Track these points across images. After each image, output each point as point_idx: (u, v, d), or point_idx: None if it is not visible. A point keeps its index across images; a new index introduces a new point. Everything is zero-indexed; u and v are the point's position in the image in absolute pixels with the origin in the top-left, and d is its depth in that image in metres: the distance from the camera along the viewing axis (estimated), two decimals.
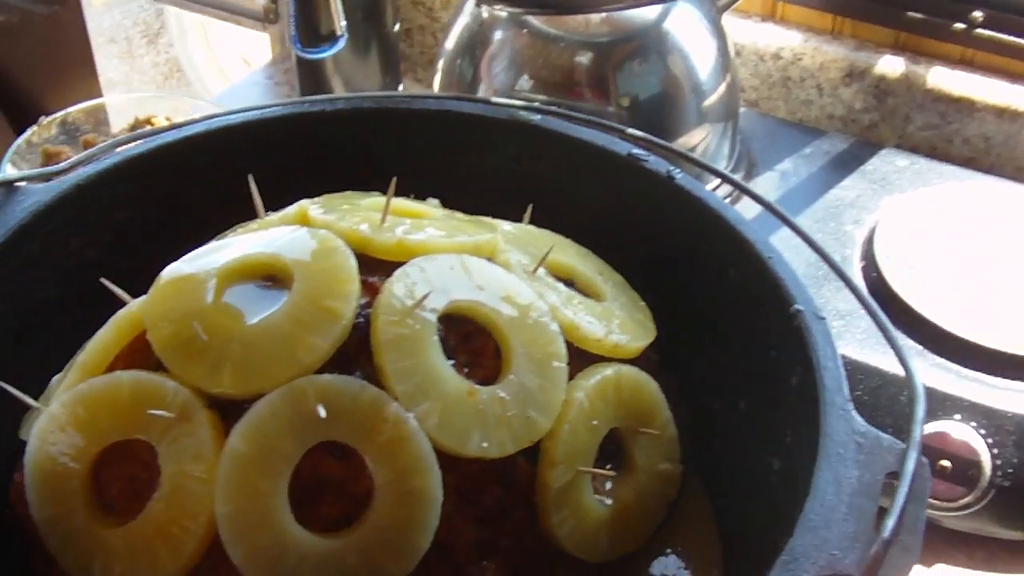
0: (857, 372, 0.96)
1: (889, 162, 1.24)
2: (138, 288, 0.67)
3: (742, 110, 1.26)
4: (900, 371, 0.93)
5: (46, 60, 1.54)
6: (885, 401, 0.95)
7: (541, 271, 0.70)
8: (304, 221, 0.69)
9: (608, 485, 0.70)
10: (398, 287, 0.62)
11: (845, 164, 1.24)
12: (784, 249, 0.73)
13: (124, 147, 0.80)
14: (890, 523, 0.55)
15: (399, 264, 0.64)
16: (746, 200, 1.08)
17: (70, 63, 1.57)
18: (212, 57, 1.85)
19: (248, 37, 1.75)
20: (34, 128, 1.15)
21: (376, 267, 0.65)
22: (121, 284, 0.68)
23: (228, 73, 1.81)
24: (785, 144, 1.28)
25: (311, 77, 1.31)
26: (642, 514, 0.71)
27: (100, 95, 1.34)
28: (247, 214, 0.73)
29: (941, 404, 0.93)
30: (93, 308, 0.68)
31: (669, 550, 0.76)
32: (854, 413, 0.63)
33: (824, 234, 1.11)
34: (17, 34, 1.49)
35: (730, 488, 0.76)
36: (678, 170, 0.79)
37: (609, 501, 0.69)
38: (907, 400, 0.62)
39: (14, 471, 0.67)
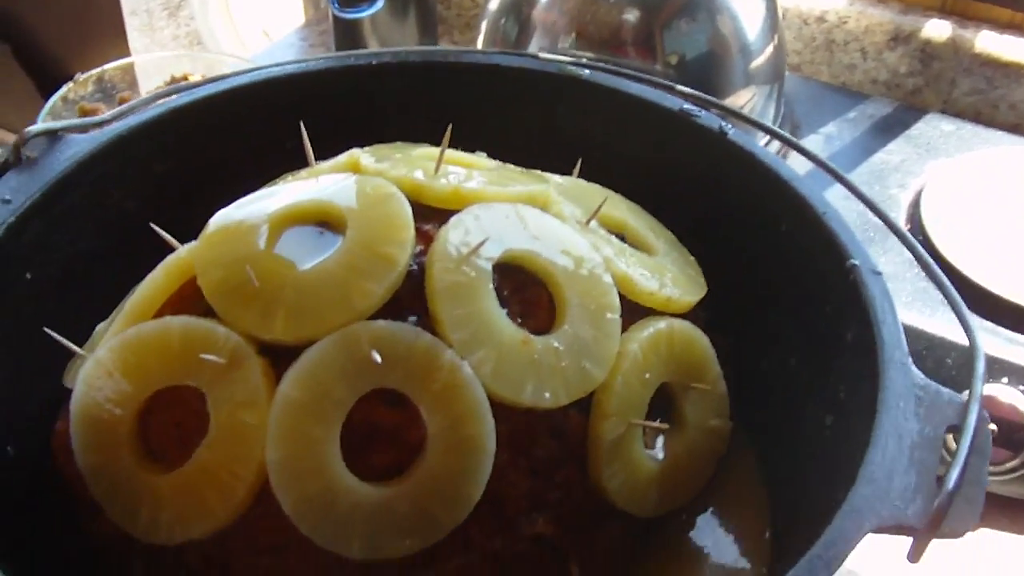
0: (904, 335, 0.95)
1: (934, 127, 1.23)
2: (180, 241, 0.66)
3: (786, 74, 1.24)
4: (947, 334, 0.94)
5: (75, 25, 1.54)
6: (931, 364, 0.93)
7: (593, 223, 0.69)
8: (355, 169, 0.68)
9: (658, 441, 0.69)
10: (454, 234, 0.61)
11: (890, 128, 1.22)
12: None
13: (166, 99, 0.79)
14: (954, 475, 0.55)
15: (452, 212, 0.63)
16: (793, 160, 1.06)
17: (99, 28, 1.56)
18: (233, 30, 1.84)
19: (270, 8, 1.74)
20: (70, 85, 1.14)
21: (430, 215, 0.64)
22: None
23: (249, 46, 1.80)
24: (829, 108, 1.27)
25: (348, 38, 1.30)
26: (691, 470, 0.70)
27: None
28: (289, 169, 0.72)
29: (990, 368, 0.92)
30: (133, 260, 0.67)
31: (716, 507, 0.75)
32: (913, 367, 0.62)
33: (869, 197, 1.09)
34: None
35: (778, 445, 0.75)
36: (730, 125, 0.78)
37: (660, 456, 0.68)
38: (962, 352, 0.61)
39: (57, 420, 0.67)
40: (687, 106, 0.80)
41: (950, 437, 0.59)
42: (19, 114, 1.52)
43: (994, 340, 0.94)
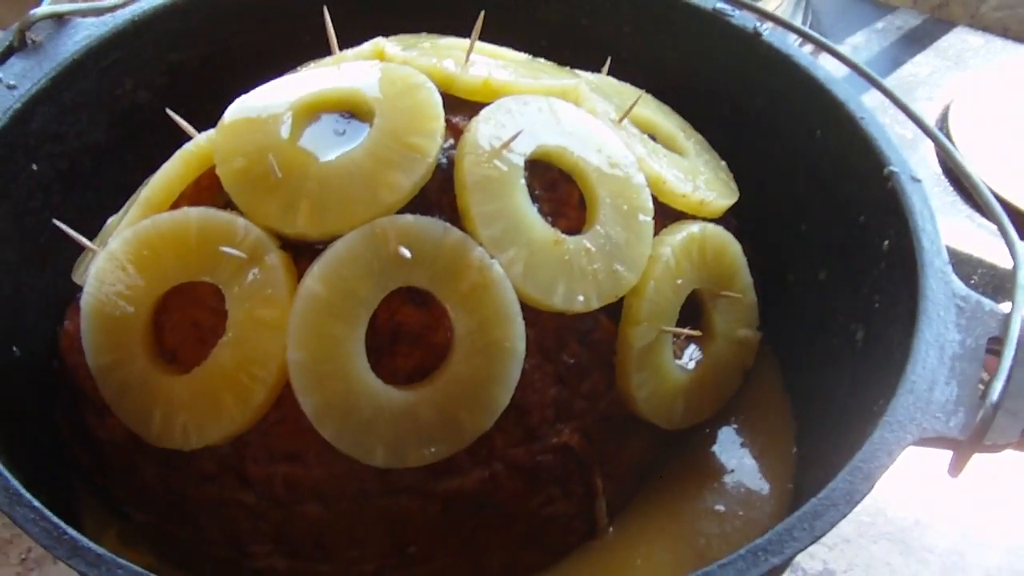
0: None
1: (963, 40, 1.20)
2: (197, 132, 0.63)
3: None
4: (974, 250, 0.92)
5: None
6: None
7: (625, 122, 0.66)
8: (381, 58, 0.64)
9: (686, 351, 0.67)
10: (485, 127, 0.59)
11: (917, 40, 1.20)
12: None
13: None
14: (998, 386, 0.53)
15: (482, 105, 0.60)
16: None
17: None
18: None
19: None
20: None
21: (459, 107, 0.61)
22: (175, 129, 0.64)
23: None
24: (856, 18, 1.24)
25: None
26: (718, 381, 0.68)
27: None
28: (308, 58, 0.69)
29: None
30: (145, 154, 0.65)
31: (740, 421, 0.73)
32: (954, 276, 0.60)
33: (897, 110, 1.06)
34: None
35: (804, 358, 0.74)
36: (765, 27, 0.75)
37: (689, 365, 0.66)
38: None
39: (64, 319, 0.65)
40: (720, 5, 0.77)
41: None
42: (10, 4, 1.48)
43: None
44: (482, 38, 0.68)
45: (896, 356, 0.57)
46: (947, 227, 0.94)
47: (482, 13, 0.64)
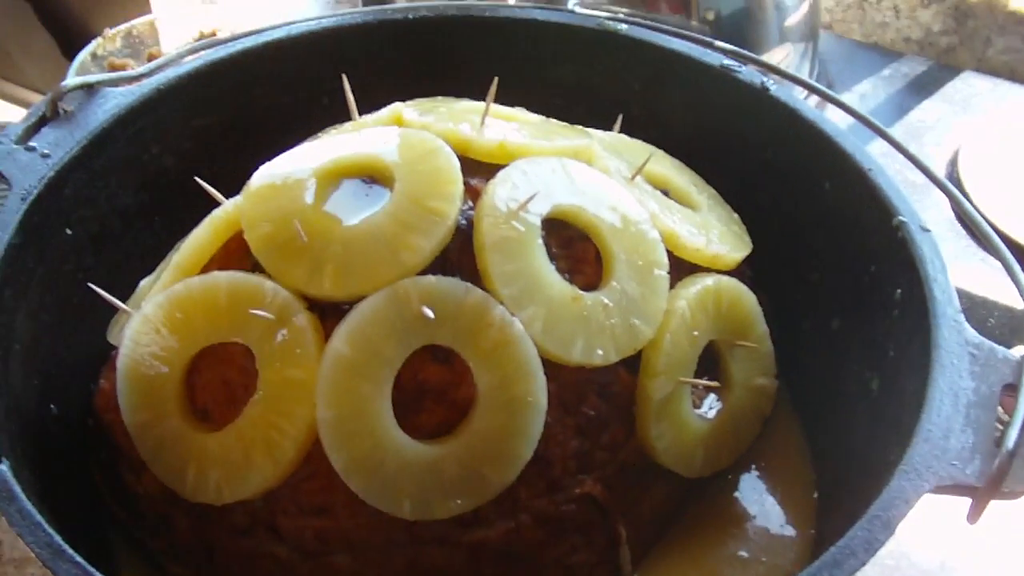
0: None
1: (970, 85, 1.21)
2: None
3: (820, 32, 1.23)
4: (989, 293, 0.93)
5: None
6: (974, 325, 0.91)
7: (638, 179, 0.68)
8: (399, 123, 0.67)
9: (705, 400, 0.69)
10: (502, 189, 0.61)
11: (924, 87, 1.21)
12: None
13: (203, 52, 0.78)
14: (1013, 433, 0.54)
15: (499, 167, 0.63)
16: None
17: None
18: None
19: None
20: (98, 40, 1.13)
21: (476, 169, 0.63)
22: (200, 192, 0.66)
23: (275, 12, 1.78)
24: (863, 66, 1.26)
25: None
26: (737, 430, 0.70)
27: None
28: (328, 123, 0.72)
29: None
30: (172, 216, 0.67)
31: (760, 468, 0.75)
32: (966, 324, 0.61)
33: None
34: None
35: (822, 406, 0.75)
36: (772, 81, 0.77)
37: (709, 414, 0.68)
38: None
39: (99, 378, 0.67)
40: (727, 61, 0.79)
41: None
42: (41, 74, 1.50)
43: None
44: (499, 99, 0.70)
45: (911, 404, 0.58)
46: (962, 271, 0.95)
47: (496, 79, 0.66)
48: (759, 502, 0.73)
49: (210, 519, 0.61)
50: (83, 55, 1.10)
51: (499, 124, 0.67)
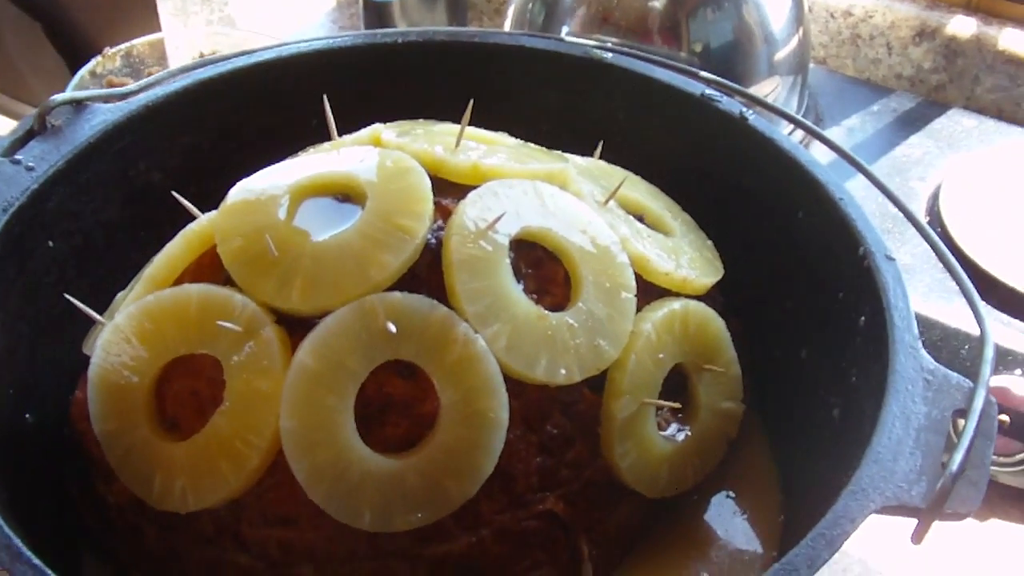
0: (920, 325, 0.95)
1: (956, 122, 1.22)
2: (203, 212, 0.67)
3: (810, 66, 1.24)
4: (962, 325, 0.94)
5: (107, 4, 1.53)
6: (947, 355, 0.93)
7: (612, 204, 0.70)
8: (377, 143, 0.68)
9: (670, 421, 0.70)
10: (472, 209, 0.62)
11: (912, 122, 1.22)
12: None
13: (192, 72, 0.79)
14: (958, 457, 0.55)
15: (472, 188, 0.64)
16: (815, 150, 1.06)
17: (131, 8, 1.55)
18: (267, 13, 1.84)
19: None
20: (98, 59, 1.14)
21: (449, 190, 0.64)
22: (184, 208, 0.68)
23: (281, 29, 1.80)
24: (852, 101, 1.27)
25: (377, 21, 1.30)
26: (702, 451, 0.71)
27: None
28: (314, 142, 0.73)
29: (1003, 359, 0.91)
30: (156, 232, 0.68)
31: (728, 489, 0.76)
32: (923, 351, 0.62)
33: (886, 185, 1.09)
34: None
35: (789, 430, 0.76)
36: (751, 111, 0.79)
37: (676, 436, 0.69)
38: (976, 342, 0.61)
39: (76, 389, 0.68)
40: (708, 91, 0.80)
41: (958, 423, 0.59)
42: (50, 92, 1.52)
43: (1009, 332, 0.94)
44: (485, 124, 0.71)
45: (867, 428, 0.59)
46: (937, 302, 0.96)
47: (471, 102, 0.68)
48: (726, 524, 0.74)
49: (177, 528, 0.62)
50: (82, 73, 1.12)
51: (475, 146, 0.68)
